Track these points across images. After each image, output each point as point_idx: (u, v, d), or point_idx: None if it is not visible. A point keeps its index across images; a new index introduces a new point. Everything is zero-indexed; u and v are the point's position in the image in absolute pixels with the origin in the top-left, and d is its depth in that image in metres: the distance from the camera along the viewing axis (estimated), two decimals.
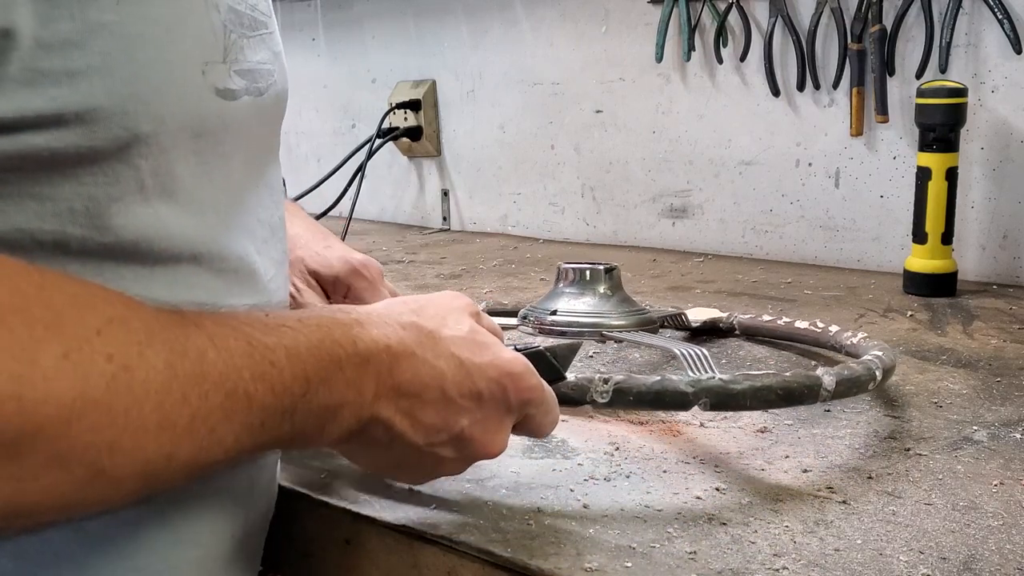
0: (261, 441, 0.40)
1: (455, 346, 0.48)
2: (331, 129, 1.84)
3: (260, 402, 0.39)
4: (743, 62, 1.26)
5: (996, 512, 0.54)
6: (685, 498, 0.56)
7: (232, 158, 0.49)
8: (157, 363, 0.35)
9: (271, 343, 0.40)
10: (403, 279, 1.23)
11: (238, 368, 0.38)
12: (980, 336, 0.89)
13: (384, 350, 0.45)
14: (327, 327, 0.44)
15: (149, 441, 0.34)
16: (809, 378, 0.59)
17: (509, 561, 0.50)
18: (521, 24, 1.49)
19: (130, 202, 0.43)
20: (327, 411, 0.43)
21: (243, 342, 0.39)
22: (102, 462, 0.33)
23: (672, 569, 0.48)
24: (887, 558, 0.49)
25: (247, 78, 0.47)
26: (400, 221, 1.74)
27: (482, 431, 0.49)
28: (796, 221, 1.27)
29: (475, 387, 0.48)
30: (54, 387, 0.31)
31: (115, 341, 0.34)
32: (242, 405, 0.38)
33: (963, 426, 0.67)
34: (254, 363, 0.39)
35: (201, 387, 0.36)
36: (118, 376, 0.33)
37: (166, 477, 0.36)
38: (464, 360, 0.48)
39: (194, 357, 0.36)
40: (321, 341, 0.42)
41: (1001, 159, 1.09)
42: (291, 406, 0.40)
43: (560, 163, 1.49)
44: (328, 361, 0.42)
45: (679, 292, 1.10)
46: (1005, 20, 1.04)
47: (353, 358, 0.44)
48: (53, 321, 0.32)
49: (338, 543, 0.58)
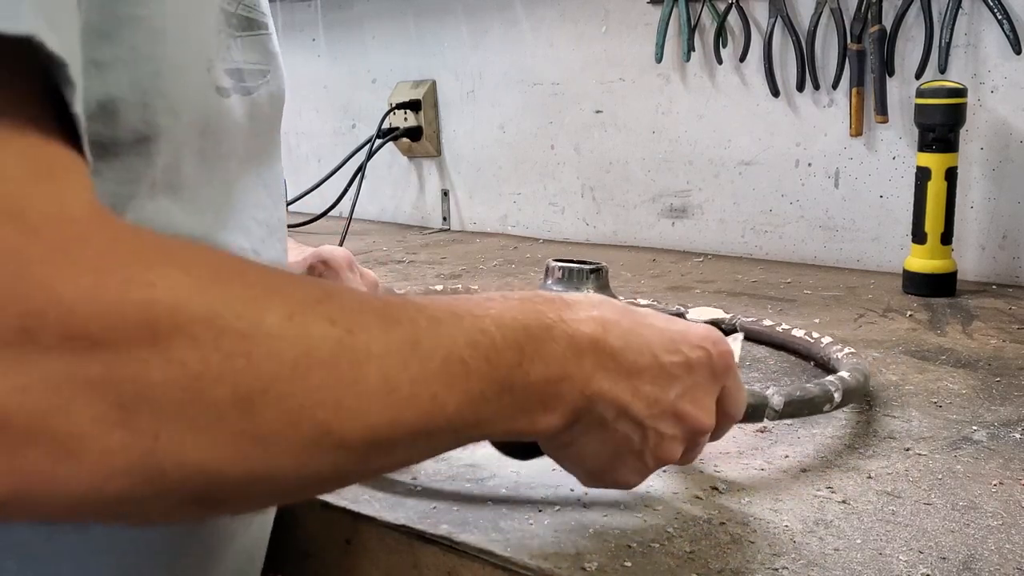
0: (484, 415, 0.39)
1: (650, 317, 0.48)
2: (331, 129, 1.84)
3: (477, 369, 0.38)
4: (743, 62, 1.26)
5: (996, 512, 0.54)
6: (685, 498, 0.56)
7: (229, 158, 0.49)
8: (374, 329, 0.35)
9: (478, 312, 0.40)
10: (403, 279, 1.23)
11: (451, 336, 0.38)
12: (979, 336, 0.89)
13: (591, 319, 0.44)
14: (531, 300, 0.43)
15: (373, 404, 0.34)
16: (755, 396, 0.58)
17: (509, 561, 0.50)
18: (521, 24, 1.49)
19: (143, 197, 0.43)
20: (547, 384, 0.42)
21: (449, 312, 0.39)
22: (330, 422, 0.33)
23: (672, 569, 0.48)
24: (887, 558, 0.49)
25: (234, 77, 0.48)
26: (400, 221, 1.74)
27: (693, 401, 0.48)
28: (796, 221, 1.27)
29: (683, 354, 0.47)
30: (279, 345, 0.32)
31: (335, 308, 0.34)
32: (460, 371, 0.38)
33: (963, 426, 0.67)
34: (465, 330, 0.39)
35: (417, 352, 0.36)
36: (342, 339, 0.34)
37: (391, 445, 0.36)
38: (663, 328, 0.47)
39: (407, 324, 0.37)
40: (527, 313, 0.42)
41: (1001, 159, 1.10)
42: (507, 378, 0.40)
43: (560, 163, 1.49)
44: (539, 330, 0.42)
45: (679, 292, 1.10)
46: (1005, 20, 1.04)
47: (563, 327, 0.43)
48: (274, 287, 0.33)
49: (338, 543, 0.58)
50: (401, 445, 0.37)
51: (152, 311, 0.29)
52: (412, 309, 0.38)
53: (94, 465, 0.29)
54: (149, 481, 0.30)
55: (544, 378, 0.42)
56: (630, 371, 0.45)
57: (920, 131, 1.03)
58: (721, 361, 0.49)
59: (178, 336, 0.30)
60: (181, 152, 0.44)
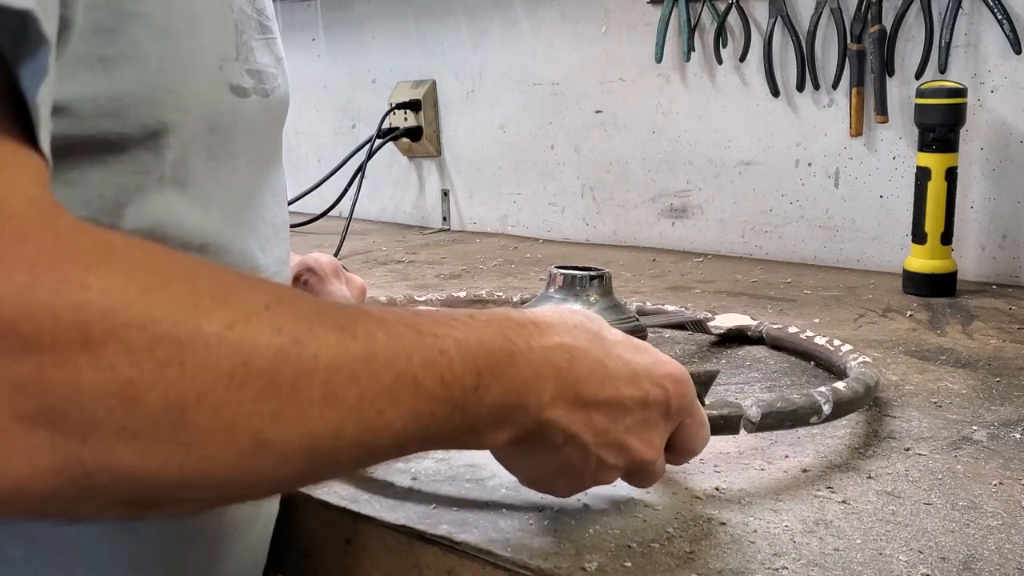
0: (430, 432, 0.39)
1: (620, 348, 0.48)
2: (331, 129, 1.84)
3: (429, 390, 0.38)
4: (743, 62, 1.26)
5: (996, 512, 0.54)
6: (685, 498, 0.56)
7: (239, 156, 0.50)
8: (327, 339, 0.35)
9: (440, 332, 0.39)
10: (403, 279, 1.23)
11: (408, 353, 0.37)
12: (979, 336, 0.89)
13: (558, 348, 0.44)
14: (500, 323, 0.43)
15: (315, 416, 0.34)
16: (731, 408, 0.57)
17: (509, 561, 0.50)
18: (521, 24, 1.49)
19: (151, 191, 0.43)
20: (501, 409, 0.42)
21: (412, 329, 0.38)
22: (266, 433, 0.33)
23: (672, 569, 0.48)
24: (887, 558, 0.49)
25: (255, 78, 0.48)
26: (400, 221, 1.74)
27: (639, 435, 0.48)
28: (796, 221, 1.27)
29: (642, 390, 0.47)
30: (216, 354, 0.31)
31: (284, 316, 0.34)
32: (411, 390, 0.37)
33: (963, 426, 0.67)
34: (423, 349, 0.38)
35: (370, 367, 0.36)
36: (287, 349, 0.33)
37: (333, 456, 0.36)
38: (629, 361, 0.47)
39: (363, 337, 0.36)
40: (493, 337, 0.42)
41: (1001, 159, 1.10)
42: (462, 399, 0.40)
43: (560, 163, 1.49)
44: (501, 356, 0.42)
45: (679, 292, 1.10)
46: (1005, 20, 1.04)
47: (528, 355, 0.43)
48: (221, 293, 0.33)
49: (338, 543, 0.58)
50: (343, 456, 0.36)
51: (85, 314, 0.29)
52: (373, 323, 0.37)
53: (17, 463, 0.29)
54: (75, 482, 0.30)
55: (499, 403, 0.42)
56: (588, 402, 0.45)
57: (920, 131, 1.03)
58: (678, 401, 0.49)
59: (111, 341, 0.29)
60: (190, 148, 0.45)
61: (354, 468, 0.39)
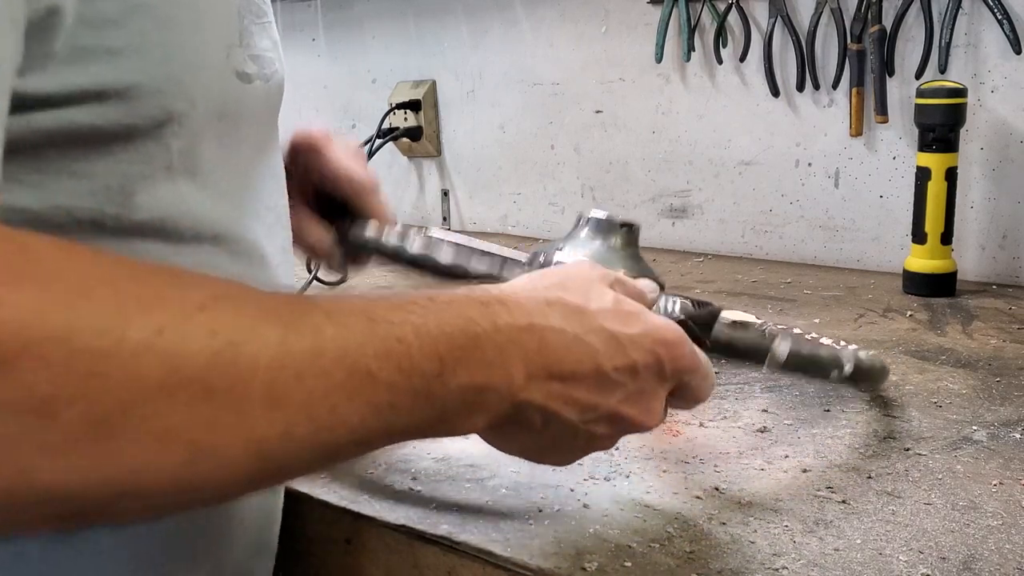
0: (395, 424, 0.38)
1: (604, 319, 0.46)
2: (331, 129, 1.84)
3: (387, 381, 0.37)
4: (743, 62, 1.26)
5: (996, 512, 0.54)
6: (685, 498, 0.56)
7: (244, 143, 0.50)
8: (269, 338, 0.34)
9: (396, 319, 0.38)
10: (403, 279, 1.23)
11: (359, 344, 0.36)
12: (980, 336, 0.89)
13: (527, 328, 0.43)
14: (461, 305, 0.42)
15: (259, 418, 0.33)
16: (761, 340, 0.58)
17: (509, 561, 0.50)
18: (521, 24, 1.49)
19: (159, 180, 0.44)
20: (470, 393, 0.40)
21: (363, 319, 0.37)
22: (205, 440, 0.32)
23: (672, 569, 0.48)
24: (887, 558, 0.49)
25: (258, 63, 0.49)
26: None
27: (636, 404, 0.47)
28: (796, 221, 1.27)
29: (629, 360, 0.46)
30: (143, 363, 0.30)
31: (221, 316, 0.33)
32: (366, 383, 0.36)
33: (963, 426, 0.67)
34: (377, 340, 0.37)
35: (318, 363, 0.35)
36: (222, 352, 0.32)
37: (286, 457, 0.35)
38: (615, 333, 0.46)
39: (309, 333, 0.35)
40: (455, 319, 0.40)
41: (1001, 159, 1.10)
42: (424, 387, 0.38)
43: (560, 163, 1.49)
44: (464, 339, 0.40)
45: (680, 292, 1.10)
46: (1005, 20, 1.04)
47: (494, 336, 0.41)
48: (150, 297, 0.32)
49: (338, 543, 0.58)
50: (298, 457, 0.35)
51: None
52: (321, 316, 0.36)
53: None
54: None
55: (467, 387, 0.40)
56: (565, 380, 0.44)
57: (920, 131, 1.03)
58: (673, 365, 0.48)
59: (25, 357, 0.28)
60: (199, 137, 0.45)
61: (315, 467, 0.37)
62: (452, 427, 0.42)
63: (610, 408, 0.46)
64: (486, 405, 0.42)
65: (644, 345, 0.47)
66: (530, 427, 0.45)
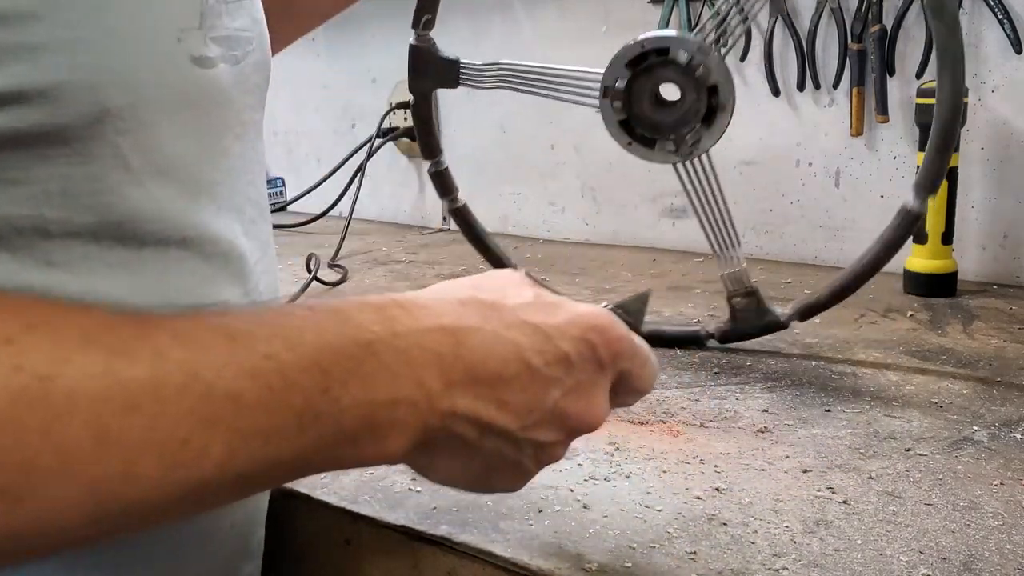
0: (281, 452, 0.34)
1: (524, 312, 0.42)
2: (331, 129, 1.84)
3: (254, 404, 0.33)
4: (743, 62, 1.26)
5: (996, 512, 0.54)
6: (685, 498, 0.56)
7: (224, 135, 0.47)
8: (92, 369, 0.30)
9: (263, 334, 0.34)
10: (403, 279, 1.23)
11: (216, 366, 0.33)
12: (980, 336, 0.89)
13: (438, 330, 0.39)
14: (347, 311, 0.37)
15: (86, 458, 0.30)
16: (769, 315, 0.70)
17: (509, 561, 0.50)
18: (521, 24, 1.49)
19: (114, 182, 0.41)
20: (373, 409, 0.36)
21: (222, 336, 0.34)
22: (21, 486, 0.29)
23: (672, 569, 0.48)
24: (887, 558, 0.49)
25: (223, 45, 0.45)
26: (400, 221, 1.74)
27: (577, 399, 0.42)
28: (796, 221, 1.26)
29: (560, 350, 0.42)
30: None
31: (31, 349, 0.30)
32: (226, 409, 0.32)
33: (963, 426, 0.67)
34: (238, 358, 0.33)
35: (158, 392, 0.31)
36: (29, 388, 0.29)
37: (130, 499, 0.31)
38: (539, 324, 0.42)
39: (147, 358, 0.31)
40: (341, 327, 0.36)
41: (1001, 159, 1.09)
42: (306, 406, 0.34)
43: (560, 163, 1.49)
44: (354, 348, 0.36)
45: (679, 292, 1.10)
46: (1005, 20, 1.04)
47: (393, 342, 0.37)
48: None
49: (338, 543, 0.58)
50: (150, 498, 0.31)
51: None
52: (166, 339, 0.32)
53: None
54: None
55: (366, 403, 0.36)
56: (493, 383, 0.40)
57: (921, 131, 1.03)
58: (609, 351, 0.43)
59: None
60: (154, 131, 0.42)
61: (184, 508, 0.33)
62: (361, 451, 0.37)
63: (549, 407, 0.42)
64: (400, 422, 0.37)
65: (573, 333, 0.42)
66: (465, 444, 0.40)
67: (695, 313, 1.00)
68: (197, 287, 0.45)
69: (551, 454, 0.44)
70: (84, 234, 0.40)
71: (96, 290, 0.41)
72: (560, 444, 0.44)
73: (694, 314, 1.00)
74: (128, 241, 0.42)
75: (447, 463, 0.42)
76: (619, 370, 0.45)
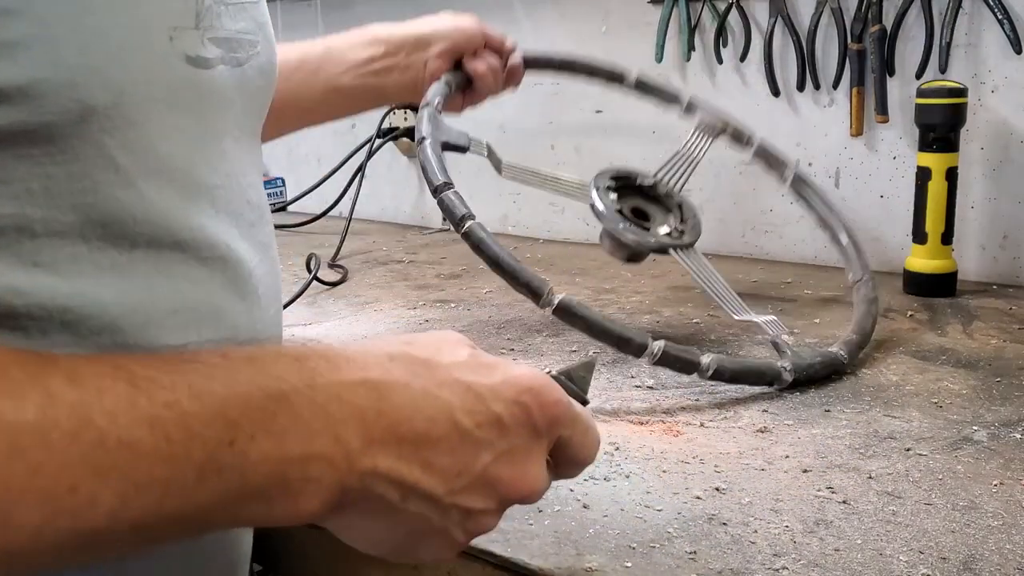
0: (179, 506, 0.33)
1: (457, 371, 0.40)
2: (331, 129, 1.83)
3: (151, 452, 0.31)
4: (743, 62, 1.26)
5: (996, 512, 0.54)
6: (685, 498, 0.56)
7: (222, 137, 0.47)
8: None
9: (167, 382, 0.33)
10: (403, 279, 1.23)
11: (110, 412, 0.31)
12: (980, 336, 0.89)
13: (361, 384, 0.37)
14: (263, 361, 0.35)
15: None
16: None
17: (509, 561, 0.50)
18: (521, 24, 1.49)
19: (101, 181, 0.40)
20: (284, 465, 0.34)
21: (122, 382, 0.32)
22: None
23: (672, 569, 0.48)
24: (887, 558, 0.49)
25: (223, 47, 0.45)
26: (400, 221, 1.74)
27: (510, 465, 0.40)
28: (796, 221, 1.26)
29: (492, 413, 0.39)
30: None
31: None
32: (120, 457, 0.31)
33: (963, 426, 0.67)
34: (137, 405, 0.32)
35: (45, 437, 0.30)
36: None
37: (11, 547, 0.30)
38: (472, 384, 0.40)
39: (36, 401, 0.30)
40: (254, 376, 0.35)
41: (1001, 159, 1.09)
42: (209, 459, 0.33)
43: (560, 163, 1.49)
44: (265, 400, 0.34)
45: (679, 292, 1.10)
46: (1005, 20, 1.04)
47: (310, 395, 0.35)
48: None
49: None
50: (34, 547, 0.30)
51: None
52: (60, 381, 0.31)
53: None
54: None
55: (276, 457, 0.34)
56: (418, 442, 0.37)
57: (920, 131, 1.03)
58: (544, 415, 0.41)
59: None
60: (144, 130, 0.41)
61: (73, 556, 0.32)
62: (272, 509, 0.35)
63: (479, 471, 0.39)
64: (313, 480, 0.35)
65: (507, 395, 0.40)
66: (387, 507, 0.38)
67: (695, 313, 1.00)
68: (191, 291, 0.45)
69: (481, 523, 0.41)
70: (70, 234, 0.40)
71: (85, 292, 0.40)
72: (491, 513, 0.41)
73: (694, 314, 1.00)
74: (118, 242, 0.41)
75: (367, 527, 0.40)
76: (556, 437, 0.42)
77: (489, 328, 0.94)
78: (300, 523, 0.36)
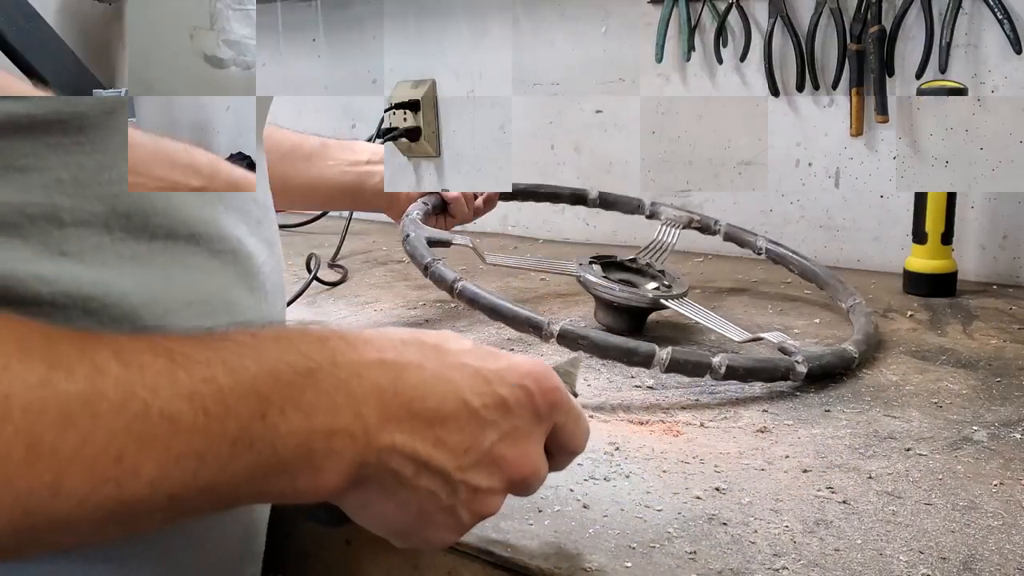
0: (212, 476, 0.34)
1: (465, 356, 0.43)
2: (331, 129, 1.83)
3: (190, 425, 0.33)
4: (743, 62, 1.26)
5: (996, 512, 0.54)
6: (685, 498, 0.56)
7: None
8: (27, 379, 0.30)
9: (203, 357, 0.34)
10: (403, 279, 1.23)
11: (152, 386, 0.33)
12: (980, 336, 0.89)
13: (378, 364, 0.39)
14: (290, 339, 0.38)
15: (17, 469, 0.30)
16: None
17: (509, 561, 0.50)
18: (521, 24, 1.49)
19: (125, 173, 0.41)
20: (310, 439, 0.36)
21: (163, 358, 0.34)
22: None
23: (672, 569, 0.48)
24: (887, 558, 0.49)
25: (235, 49, 0.47)
26: None
27: (513, 445, 0.43)
28: (796, 221, 1.27)
29: (498, 395, 0.42)
30: None
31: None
32: (161, 429, 0.33)
33: (963, 426, 0.67)
34: (179, 379, 0.33)
35: (93, 407, 0.31)
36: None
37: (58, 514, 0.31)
38: (479, 368, 0.42)
39: (85, 373, 0.32)
40: (283, 354, 0.37)
41: (1001, 159, 1.09)
42: (243, 432, 0.34)
43: (560, 163, 1.49)
44: (293, 376, 0.36)
45: None
46: (1005, 20, 1.04)
47: (334, 372, 0.37)
48: None
49: (338, 543, 0.58)
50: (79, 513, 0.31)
51: None
52: (106, 355, 0.32)
53: None
54: None
55: (303, 431, 0.36)
56: (430, 420, 0.40)
57: None
58: (545, 400, 0.44)
59: None
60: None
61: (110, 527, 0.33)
62: (296, 482, 0.37)
63: (486, 449, 0.42)
64: (336, 453, 0.37)
65: (511, 379, 0.43)
66: (400, 482, 0.40)
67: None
68: (205, 283, 0.46)
69: (486, 503, 0.43)
70: (96, 224, 0.41)
71: (107, 282, 0.41)
72: (495, 493, 0.43)
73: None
74: (138, 233, 0.42)
75: (381, 503, 0.41)
76: (554, 423, 0.45)
77: (489, 328, 0.94)
78: (320, 499, 0.38)
